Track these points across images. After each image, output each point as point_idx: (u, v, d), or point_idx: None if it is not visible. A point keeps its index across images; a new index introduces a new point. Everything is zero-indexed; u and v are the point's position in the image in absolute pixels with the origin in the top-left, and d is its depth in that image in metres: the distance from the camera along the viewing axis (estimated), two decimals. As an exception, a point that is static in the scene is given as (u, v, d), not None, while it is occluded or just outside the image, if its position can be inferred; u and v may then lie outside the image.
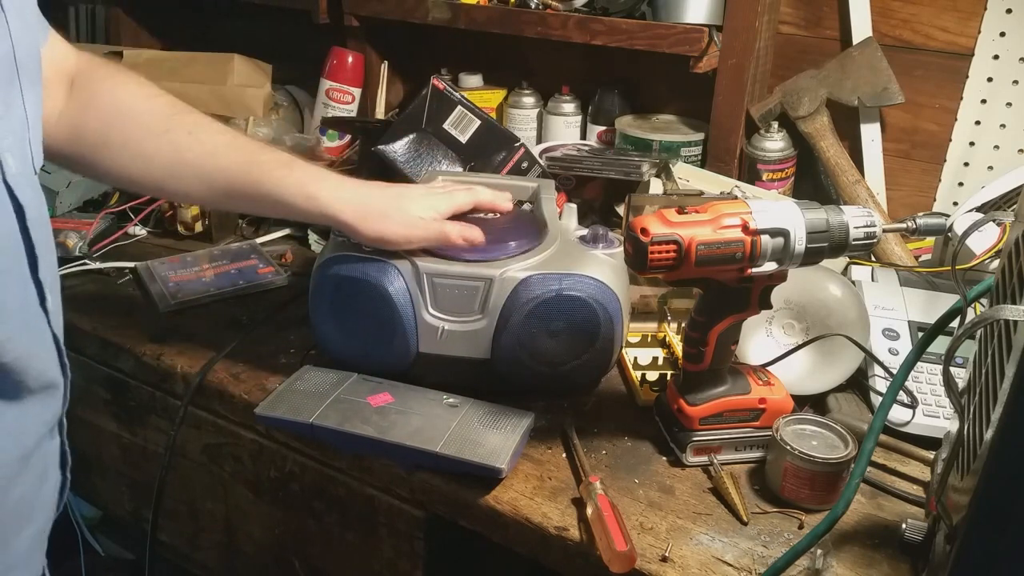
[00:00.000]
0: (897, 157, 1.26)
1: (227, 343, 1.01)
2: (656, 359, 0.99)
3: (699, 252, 0.73)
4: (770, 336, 0.95)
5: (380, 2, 1.40)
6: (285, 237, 1.32)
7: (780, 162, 1.25)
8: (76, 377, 0.77)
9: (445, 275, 0.88)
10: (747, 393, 0.83)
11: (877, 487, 0.82)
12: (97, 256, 1.21)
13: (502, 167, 1.19)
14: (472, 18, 1.32)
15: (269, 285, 1.15)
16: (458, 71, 1.53)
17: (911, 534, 0.71)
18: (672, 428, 0.84)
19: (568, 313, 0.87)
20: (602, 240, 0.93)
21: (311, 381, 0.91)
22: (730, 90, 1.23)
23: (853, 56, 1.21)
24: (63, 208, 1.28)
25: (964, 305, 0.67)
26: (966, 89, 1.17)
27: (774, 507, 0.79)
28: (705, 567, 0.71)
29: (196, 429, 1.02)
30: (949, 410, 0.87)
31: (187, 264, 1.19)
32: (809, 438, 0.80)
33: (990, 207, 1.10)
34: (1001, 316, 0.52)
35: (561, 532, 0.76)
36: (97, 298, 1.12)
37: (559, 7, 1.29)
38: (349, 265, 0.89)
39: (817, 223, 0.74)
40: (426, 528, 0.88)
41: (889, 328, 0.96)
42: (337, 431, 0.83)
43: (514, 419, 0.85)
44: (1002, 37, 1.13)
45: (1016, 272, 0.57)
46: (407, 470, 0.84)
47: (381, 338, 0.89)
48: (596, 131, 1.43)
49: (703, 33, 1.18)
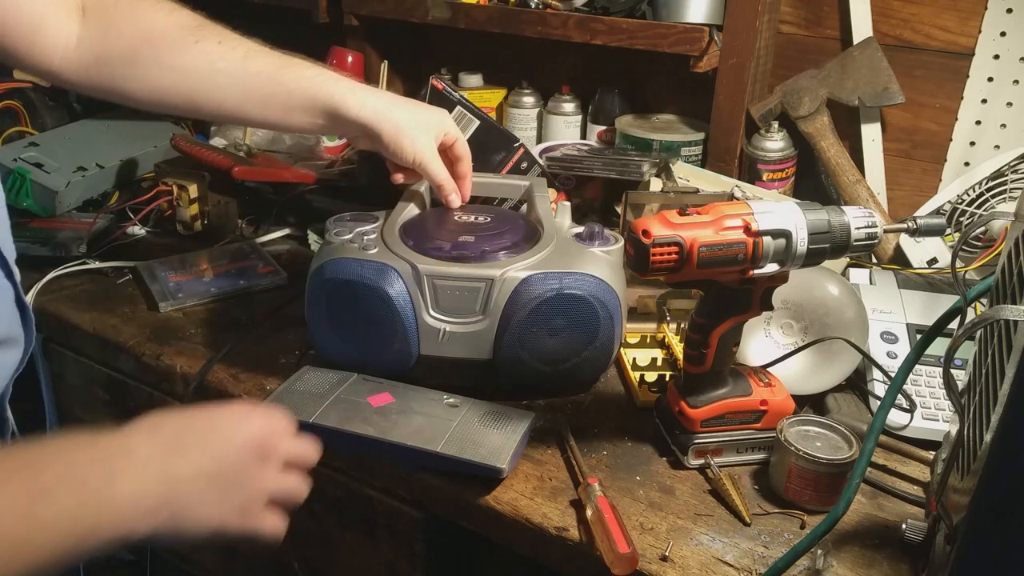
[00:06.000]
0: (898, 157, 1.26)
1: (227, 343, 1.01)
2: (655, 360, 0.99)
3: (701, 254, 0.73)
4: (769, 336, 0.95)
5: (380, 2, 1.40)
6: (285, 237, 1.32)
7: (780, 162, 1.25)
8: (75, 378, 0.77)
9: (445, 276, 0.87)
10: (748, 395, 0.83)
11: (877, 487, 0.82)
12: (97, 256, 1.21)
13: (502, 167, 1.19)
14: (472, 17, 1.32)
15: (269, 285, 1.15)
16: (458, 71, 1.53)
17: (911, 534, 0.72)
18: (673, 430, 0.84)
19: (569, 311, 0.87)
20: (598, 238, 0.93)
21: (311, 381, 0.91)
22: (730, 90, 1.23)
23: (853, 56, 1.21)
24: (63, 208, 1.27)
25: (964, 305, 0.67)
26: (967, 89, 1.17)
27: (775, 507, 0.79)
28: (705, 567, 0.71)
29: (196, 429, 1.02)
30: (948, 413, 0.87)
31: (187, 264, 1.19)
32: (813, 439, 0.80)
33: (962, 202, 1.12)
34: (1001, 316, 0.52)
35: (561, 532, 0.75)
36: (97, 298, 1.12)
37: (559, 7, 1.29)
38: (346, 269, 0.88)
39: (819, 224, 0.74)
40: (426, 529, 0.88)
41: (887, 331, 0.96)
42: (337, 431, 0.83)
43: (515, 419, 0.85)
44: (1003, 37, 1.13)
45: (1016, 272, 0.57)
46: (408, 470, 0.83)
47: (381, 342, 0.89)
48: (596, 131, 1.43)
49: (703, 33, 1.18)
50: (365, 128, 0.91)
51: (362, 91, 0.92)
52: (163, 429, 0.63)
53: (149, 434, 0.62)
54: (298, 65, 0.91)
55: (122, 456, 0.60)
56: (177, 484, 0.60)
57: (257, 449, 0.65)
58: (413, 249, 0.90)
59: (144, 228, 1.32)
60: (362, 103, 0.91)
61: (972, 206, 1.15)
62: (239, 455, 0.64)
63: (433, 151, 0.95)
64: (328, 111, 0.90)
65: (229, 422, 0.66)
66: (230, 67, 0.88)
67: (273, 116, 0.93)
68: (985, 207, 1.14)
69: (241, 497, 0.64)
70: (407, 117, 0.93)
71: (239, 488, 0.64)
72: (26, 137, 1.39)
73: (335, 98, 0.90)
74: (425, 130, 0.94)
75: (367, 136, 0.93)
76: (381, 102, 0.92)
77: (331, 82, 0.91)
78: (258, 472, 0.65)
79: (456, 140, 0.98)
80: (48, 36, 0.85)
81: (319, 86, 0.90)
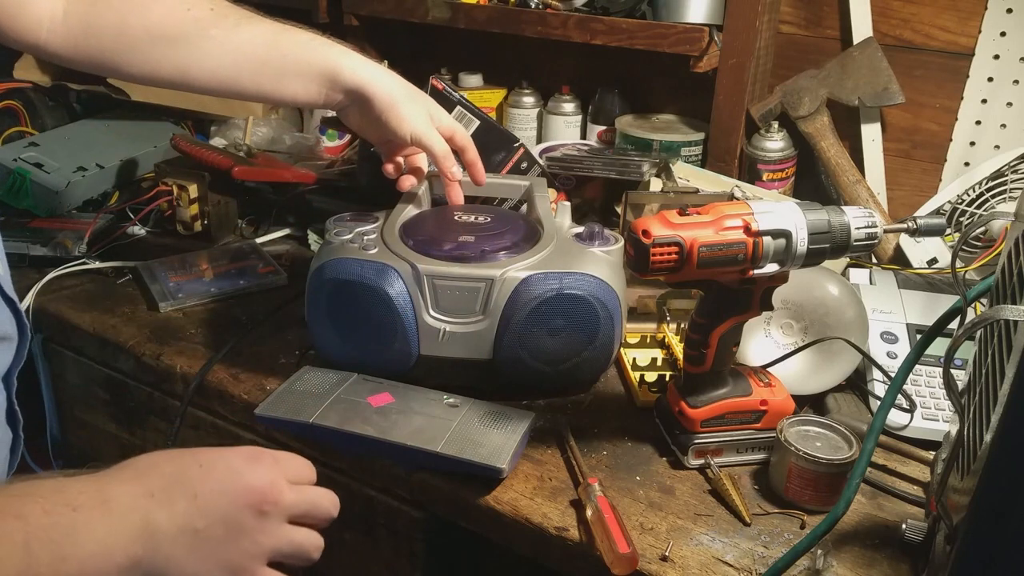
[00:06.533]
0: (898, 157, 1.26)
1: (226, 343, 1.01)
2: (655, 360, 0.99)
3: (701, 254, 0.73)
4: (769, 336, 0.95)
5: (380, 2, 1.40)
6: (285, 237, 1.32)
7: (780, 162, 1.25)
8: (75, 378, 0.76)
9: (445, 276, 0.87)
10: (748, 395, 0.83)
11: (877, 487, 0.82)
12: (96, 256, 1.21)
13: (502, 167, 1.19)
14: (472, 17, 1.32)
15: (269, 285, 1.15)
16: (458, 71, 1.53)
17: (911, 534, 0.72)
18: (673, 430, 0.84)
19: (569, 311, 0.87)
20: (598, 237, 0.93)
21: (311, 381, 0.91)
22: (730, 90, 1.23)
23: (853, 56, 1.21)
24: (62, 208, 1.27)
25: (964, 305, 0.67)
26: (967, 89, 1.17)
27: (775, 507, 0.79)
28: (705, 567, 0.71)
29: (195, 430, 1.02)
30: (948, 413, 0.87)
31: (187, 264, 1.19)
32: (813, 439, 0.80)
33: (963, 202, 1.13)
34: (1001, 316, 0.52)
35: (561, 532, 0.75)
36: (96, 298, 1.12)
37: (559, 7, 1.29)
38: (346, 269, 0.88)
39: (819, 224, 0.74)
40: (426, 529, 0.88)
41: (887, 331, 0.96)
42: (337, 431, 0.83)
43: (515, 419, 0.85)
44: (1002, 37, 1.13)
45: (1016, 272, 0.57)
46: (408, 470, 0.83)
47: (381, 342, 0.89)
48: (596, 131, 1.43)
49: (703, 33, 1.18)
50: (359, 93, 0.88)
51: (357, 57, 0.90)
52: (149, 475, 0.56)
53: (133, 481, 0.56)
54: (292, 30, 0.88)
55: (97, 505, 0.53)
56: (158, 540, 0.54)
57: (256, 502, 0.58)
58: (413, 249, 0.90)
59: (144, 228, 1.32)
60: (356, 68, 0.88)
61: (972, 206, 1.15)
62: (232, 509, 0.57)
63: (428, 123, 0.92)
64: (324, 75, 0.88)
65: (226, 471, 0.58)
66: (223, 34, 0.85)
67: (267, 84, 0.89)
68: (985, 207, 1.14)
69: (233, 556, 0.57)
70: (401, 86, 0.91)
71: (231, 546, 0.56)
72: (26, 137, 1.39)
73: (330, 61, 0.88)
74: (421, 102, 0.92)
75: (359, 105, 0.90)
76: (376, 69, 0.90)
77: (326, 46, 0.89)
78: (256, 528, 0.58)
79: (454, 132, 0.96)
80: (33, 8, 0.82)
81: (314, 50, 0.88)
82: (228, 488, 0.58)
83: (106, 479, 0.55)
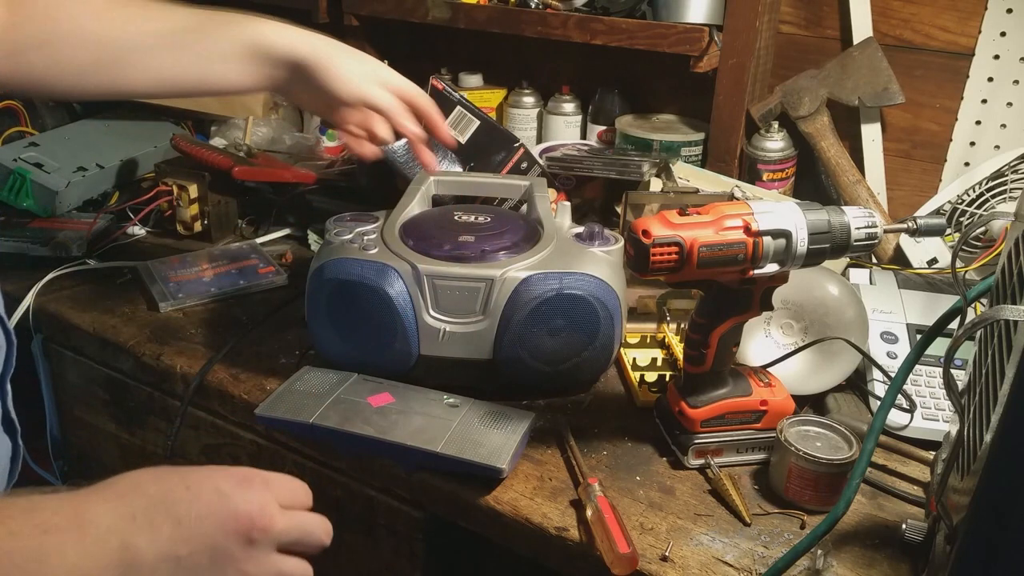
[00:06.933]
0: (898, 157, 1.26)
1: (227, 343, 1.01)
2: (655, 360, 0.99)
3: (701, 254, 0.73)
4: (769, 336, 0.95)
5: (380, 2, 1.40)
6: (285, 237, 1.32)
7: (780, 162, 1.25)
8: (75, 378, 0.76)
9: (445, 276, 0.88)
10: (748, 395, 0.83)
11: (877, 487, 0.82)
12: (97, 256, 1.21)
13: (502, 167, 1.19)
14: (472, 18, 1.32)
15: (269, 285, 1.15)
16: (458, 71, 1.53)
17: (911, 534, 0.72)
18: (673, 430, 0.84)
19: (569, 311, 0.87)
20: (598, 237, 0.93)
21: (311, 381, 0.91)
22: (730, 90, 1.23)
23: (853, 56, 1.21)
24: (62, 208, 1.27)
25: (964, 305, 0.67)
26: (967, 89, 1.17)
27: (775, 507, 0.79)
28: (705, 567, 0.71)
29: (195, 430, 1.02)
30: (948, 413, 0.87)
31: (187, 264, 1.19)
32: (813, 439, 0.80)
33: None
34: (1001, 316, 0.52)
35: (561, 532, 0.75)
36: (97, 298, 1.12)
37: (559, 7, 1.29)
38: (346, 269, 0.88)
39: (819, 224, 0.74)
40: (426, 529, 0.88)
41: (887, 331, 0.96)
42: (337, 431, 0.83)
43: (515, 419, 0.85)
44: (1003, 37, 1.13)
45: (1016, 272, 0.57)
46: (408, 470, 0.83)
47: (381, 342, 0.89)
48: (596, 131, 1.43)
49: (703, 33, 1.18)
50: (292, 61, 0.84)
51: (291, 28, 0.86)
52: (132, 496, 0.53)
53: (114, 501, 0.52)
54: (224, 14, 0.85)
55: (72, 527, 0.50)
56: (137, 567, 0.50)
57: (244, 529, 0.54)
58: (413, 249, 0.90)
59: (144, 228, 1.32)
60: (291, 38, 0.85)
61: (972, 206, 1.15)
62: (217, 535, 0.53)
63: (371, 80, 0.87)
64: (253, 51, 0.84)
65: (214, 494, 0.55)
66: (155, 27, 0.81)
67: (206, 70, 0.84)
68: (985, 207, 1.14)
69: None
70: (337, 47, 0.87)
71: (215, 574, 0.53)
72: (26, 137, 1.39)
73: (261, 35, 0.84)
74: (363, 61, 0.88)
75: (298, 76, 0.85)
76: (312, 36, 0.86)
77: (256, 22, 0.85)
78: (243, 557, 0.54)
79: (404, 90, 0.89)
80: None
81: (243, 26, 0.84)
82: (215, 513, 0.54)
83: (84, 498, 0.52)
